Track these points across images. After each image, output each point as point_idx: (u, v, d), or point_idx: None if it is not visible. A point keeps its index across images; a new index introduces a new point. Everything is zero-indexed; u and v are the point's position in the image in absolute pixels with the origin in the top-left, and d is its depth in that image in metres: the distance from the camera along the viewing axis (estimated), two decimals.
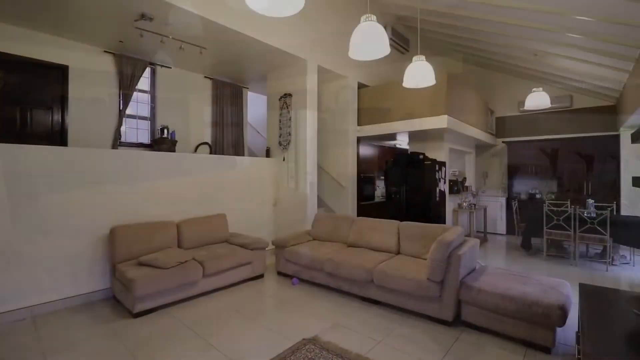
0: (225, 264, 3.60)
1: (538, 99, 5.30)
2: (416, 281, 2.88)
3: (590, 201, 5.07)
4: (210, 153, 5.67)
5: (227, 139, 5.91)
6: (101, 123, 4.56)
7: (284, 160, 5.25)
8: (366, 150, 6.96)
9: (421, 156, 5.29)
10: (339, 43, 5.38)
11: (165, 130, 4.78)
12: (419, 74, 3.65)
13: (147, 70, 5.12)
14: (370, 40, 2.72)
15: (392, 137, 6.39)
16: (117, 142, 4.64)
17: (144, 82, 5.11)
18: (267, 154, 5.48)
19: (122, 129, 4.83)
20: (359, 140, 6.18)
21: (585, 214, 4.75)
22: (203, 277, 3.42)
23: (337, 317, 2.97)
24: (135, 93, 4.98)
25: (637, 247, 4.41)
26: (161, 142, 4.72)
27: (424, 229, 3.54)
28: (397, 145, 7.64)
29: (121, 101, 4.71)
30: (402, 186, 5.34)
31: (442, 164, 5.46)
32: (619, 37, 3.75)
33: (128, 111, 4.92)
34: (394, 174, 5.46)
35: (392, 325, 2.83)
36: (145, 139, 5.09)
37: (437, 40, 6.86)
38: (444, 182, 5.54)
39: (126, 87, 4.70)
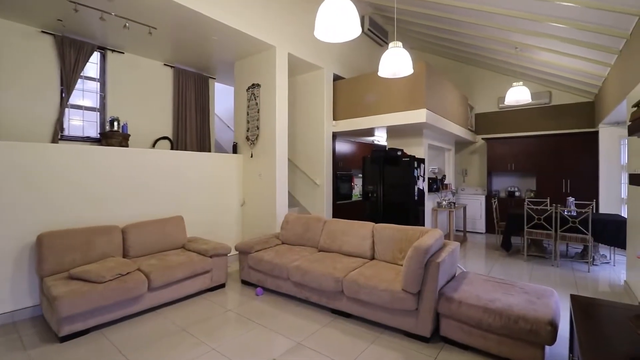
0: (178, 274, 3.15)
1: (518, 94, 5.11)
2: (390, 292, 2.54)
3: (571, 199, 4.92)
4: (172, 149, 5.17)
5: (191, 133, 5.41)
6: (38, 114, 3.98)
7: (251, 156, 4.82)
8: (343, 147, 6.62)
9: (399, 152, 4.98)
10: (312, 30, 4.99)
11: (116, 123, 4.25)
12: (396, 62, 3.32)
13: (96, 56, 4.56)
14: (338, 19, 2.34)
15: (370, 132, 6.07)
16: (57, 135, 4.07)
17: (92, 69, 4.55)
18: (234, 149, 5.02)
19: (65, 120, 4.26)
20: (335, 135, 5.83)
21: (566, 213, 4.59)
22: (149, 290, 2.97)
23: (302, 335, 2.60)
24: (81, 81, 4.43)
25: (617, 246, 4.27)
26: (110, 135, 4.19)
27: (401, 231, 3.22)
28: (376, 142, 7.34)
29: (63, 89, 4.14)
30: (379, 184, 5.02)
31: (421, 160, 5.18)
32: (604, 26, 3.54)
33: (73, 101, 4.36)
34: (370, 172, 5.14)
35: (363, 343, 2.49)
36: (93, 132, 4.53)
37: (415, 32, 6.58)
38: (423, 180, 5.26)
39: (69, 74, 4.14)
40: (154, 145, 4.97)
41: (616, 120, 5.15)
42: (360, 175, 6.95)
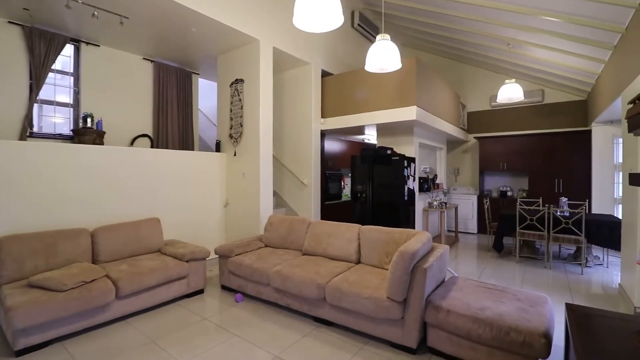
0: (150, 280, 2.95)
1: (511, 92, 4.99)
2: (374, 300, 2.37)
3: (564, 199, 4.80)
4: (152, 147, 4.95)
5: (173, 131, 5.18)
6: (4, 109, 3.73)
7: (235, 155, 4.62)
8: (333, 145, 6.44)
9: (389, 151, 4.83)
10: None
11: (89, 119, 4.02)
12: (383, 56, 3.16)
13: (70, 48, 4.32)
14: (318, 7, 2.16)
15: (360, 130, 5.91)
16: (26, 132, 3.83)
17: (65, 62, 4.31)
18: (217, 148, 4.82)
19: (35, 117, 4.02)
20: (324, 134, 5.65)
21: (558, 213, 4.47)
22: (117, 298, 2.76)
23: (281, 346, 2.42)
24: (53, 75, 4.19)
25: (612, 247, 4.16)
26: (83, 133, 3.96)
27: (387, 234, 3.05)
28: (366, 140, 7.18)
29: (32, 83, 3.90)
30: (368, 184, 4.86)
31: (412, 159, 5.03)
32: (599, 20, 3.41)
33: (45, 96, 4.12)
34: (359, 171, 4.97)
35: (345, 355, 2.31)
36: (66, 129, 4.29)
37: (407, 28, 6.43)
38: (414, 180, 5.11)
39: (38, 67, 3.90)
40: (132, 143, 4.74)
41: (609, 118, 5.05)
42: (350, 174, 6.80)
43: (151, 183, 3.95)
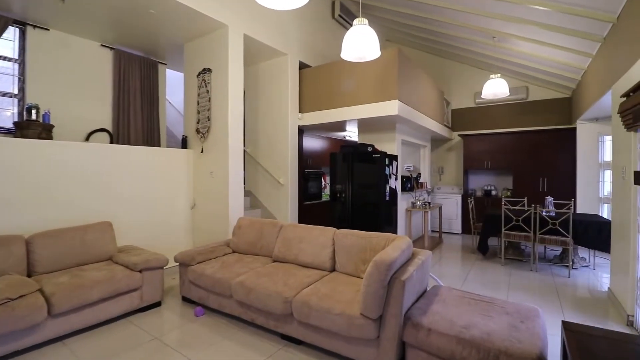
0: (92, 294, 2.56)
1: (496, 87, 4.80)
2: (346, 317, 2.07)
3: (549, 199, 4.63)
4: (112, 142, 4.51)
5: (136, 125, 4.75)
6: None
7: (202, 151, 4.24)
8: (313, 143, 6.11)
9: (369, 148, 4.54)
10: (273, 9, 4.45)
11: (34, 111, 3.57)
12: (361, 43, 2.87)
13: (14, 32, 3.85)
14: None
15: (341, 127, 5.61)
16: None
17: (7, 47, 3.84)
18: (184, 144, 4.42)
19: None
20: (303, 130, 5.32)
21: (544, 213, 4.29)
22: (51, 317, 2.37)
23: None
24: None
25: (600, 249, 4.00)
26: (26, 126, 3.50)
27: (364, 239, 2.75)
28: (348, 137, 6.89)
29: None
30: (348, 183, 4.57)
31: (394, 157, 4.76)
32: (589, 9, 3.20)
33: None
34: (339, 170, 4.67)
35: None
36: (9, 122, 3.83)
37: (389, 21, 6.16)
38: (396, 179, 4.85)
39: None
40: (88, 139, 4.30)
41: (595, 116, 4.92)
42: (330, 173, 6.48)
43: (108, 182, 3.56)
